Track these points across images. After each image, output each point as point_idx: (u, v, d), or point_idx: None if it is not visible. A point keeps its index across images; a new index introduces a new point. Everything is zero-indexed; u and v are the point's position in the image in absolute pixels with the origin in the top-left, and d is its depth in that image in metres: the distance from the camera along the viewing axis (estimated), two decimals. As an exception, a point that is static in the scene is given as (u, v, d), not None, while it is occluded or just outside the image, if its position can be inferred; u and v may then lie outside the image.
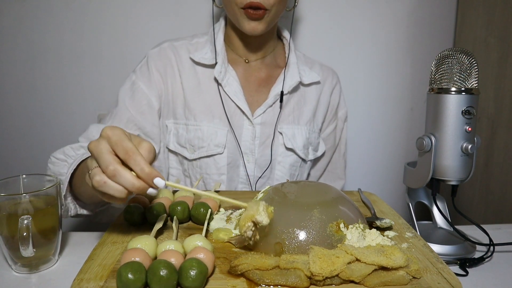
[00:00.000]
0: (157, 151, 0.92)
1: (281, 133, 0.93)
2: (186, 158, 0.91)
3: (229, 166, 0.90)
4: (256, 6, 0.81)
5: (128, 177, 0.49)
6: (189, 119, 0.90)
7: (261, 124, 0.92)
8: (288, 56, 0.96)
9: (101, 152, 0.50)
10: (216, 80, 0.91)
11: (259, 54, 0.96)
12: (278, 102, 0.93)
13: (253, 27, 0.84)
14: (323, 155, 1.03)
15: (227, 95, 0.91)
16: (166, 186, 0.51)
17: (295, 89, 0.95)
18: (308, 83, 0.97)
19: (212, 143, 0.89)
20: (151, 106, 0.90)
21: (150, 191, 0.50)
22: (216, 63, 0.90)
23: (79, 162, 0.70)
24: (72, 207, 0.74)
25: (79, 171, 0.69)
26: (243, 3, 0.82)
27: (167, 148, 0.93)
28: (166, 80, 0.91)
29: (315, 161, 1.03)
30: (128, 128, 0.88)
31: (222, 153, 0.89)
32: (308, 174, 1.03)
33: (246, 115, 0.91)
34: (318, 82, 0.99)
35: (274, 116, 0.93)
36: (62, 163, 0.79)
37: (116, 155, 0.50)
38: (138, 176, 0.49)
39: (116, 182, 0.49)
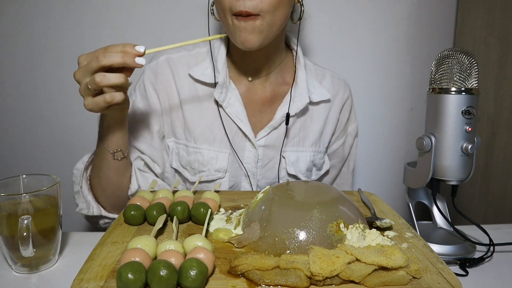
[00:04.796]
0: (160, 171, 0.88)
1: (284, 157, 0.88)
2: (187, 179, 0.88)
3: (230, 190, 0.87)
4: (246, 14, 0.72)
5: (112, 54, 0.60)
6: (189, 140, 0.86)
7: (264, 147, 0.87)
8: (296, 72, 0.88)
9: (86, 65, 0.62)
10: (216, 100, 0.85)
11: (263, 71, 0.88)
12: (283, 125, 0.87)
13: (244, 38, 0.75)
14: (327, 172, 0.98)
15: (229, 116, 0.85)
16: (144, 52, 0.61)
17: (303, 112, 0.89)
18: (317, 101, 0.90)
19: (212, 168, 0.85)
20: (150, 128, 0.87)
21: (138, 60, 0.60)
22: (216, 83, 0.84)
23: (92, 157, 0.81)
24: (94, 206, 0.81)
25: (95, 168, 0.80)
26: (233, 10, 0.73)
27: (171, 166, 0.90)
28: (163, 99, 0.87)
29: (322, 177, 0.99)
30: (130, 151, 0.85)
31: (223, 177, 0.86)
32: None
33: (248, 138, 0.86)
34: (328, 100, 0.92)
35: (279, 138, 0.88)
36: (82, 172, 0.82)
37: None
38: (124, 52, 0.60)
39: (107, 65, 0.60)
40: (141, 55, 0.60)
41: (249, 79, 0.88)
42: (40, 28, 1.14)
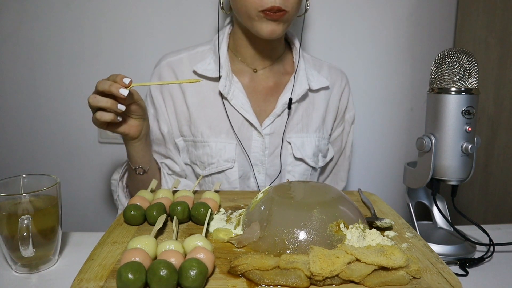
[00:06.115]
0: (179, 169, 0.94)
1: (289, 143, 0.91)
2: (199, 174, 0.92)
3: (241, 179, 0.90)
4: (277, 9, 0.78)
5: (103, 83, 0.67)
6: (196, 136, 0.90)
7: (270, 135, 0.90)
8: (298, 62, 0.93)
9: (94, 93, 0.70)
10: (221, 94, 0.89)
11: (267, 61, 0.93)
12: (286, 111, 0.91)
13: (271, 29, 0.81)
14: (331, 159, 1.02)
15: (234, 108, 0.89)
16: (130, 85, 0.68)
17: (303, 97, 0.93)
18: (317, 89, 0.94)
19: (221, 159, 0.88)
20: (161, 131, 0.92)
21: (121, 90, 0.66)
22: (220, 76, 0.88)
23: (125, 167, 0.89)
24: (126, 204, 0.86)
25: (128, 177, 0.89)
26: (264, 6, 0.78)
27: (185, 164, 0.94)
28: (168, 100, 0.91)
29: (324, 166, 1.02)
30: (154, 156, 0.92)
31: (232, 167, 0.88)
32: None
33: (254, 127, 0.89)
34: (326, 87, 0.96)
35: (283, 126, 0.91)
36: (118, 182, 0.91)
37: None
38: (115, 81, 0.68)
39: (100, 90, 0.68)
40: (126, 86, 0.67)
41: (254, 70, 0.93)
42: (40, 28, 1.14)
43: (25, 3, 1.12)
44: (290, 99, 0.89)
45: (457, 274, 0.56)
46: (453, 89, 0.67)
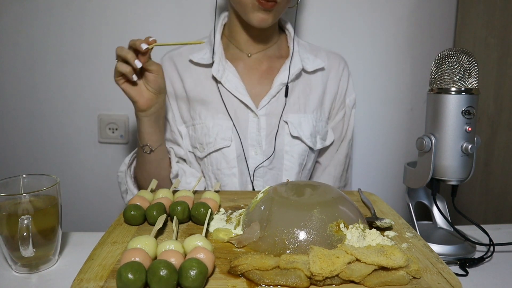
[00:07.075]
0: (184, 153, 0.96)
1: (286, 123, 0.93)
2: (200, 158, 0.94)
3: (238, 159, 0.91)
4: None
5: (134, 39, 0.76)
6: (195, 119, 0.93)
7: (266, 115, 0.93)
8: (292, 46, 0.96)
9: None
10: (215, 78, 0.93)
11: (261, 46, 0.97)
12: (282, 92, 0.94)
13: (262, 18, 0.85)
14: (332, 144, 1.02)
15: (229, 91, 0.92)
16: (149, 44, 0.76)
17: (298, 77, 0.96)
18: (313, 70, 0.97)
19: (218, 137, 0.91)
20: (167, 116, 0.96)
21: (142, 44, 0.74)
22: (213, 62, 0.92)
23: (133, 156, 0.92)
24: (135, 191, 0.91)
25: (137, 162, 0.91)
26: None
27: (188, 151, 0.97)
28: (169, 90, 0.96)
29: (325, 149, 1.03)
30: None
31: (229, 146, 0.91)
32: (318, 162, 1.03)
33: (250, 108, 0.92)
34: (322, 69, 0.99)
35: (279, 106, 0.93)
36: (126, 170, 0.93)
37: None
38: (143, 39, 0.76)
39: (130, 45, 0.76)
40: (149, 43, 0.76)
41: (249, 54, 0.96)
42: (40, 28, 1.14)
43: (25, 3, 1.12)
44: (287, 87, 0.92)
45: (457, 274, 0.56)
46: (453, 89, 0.67)
